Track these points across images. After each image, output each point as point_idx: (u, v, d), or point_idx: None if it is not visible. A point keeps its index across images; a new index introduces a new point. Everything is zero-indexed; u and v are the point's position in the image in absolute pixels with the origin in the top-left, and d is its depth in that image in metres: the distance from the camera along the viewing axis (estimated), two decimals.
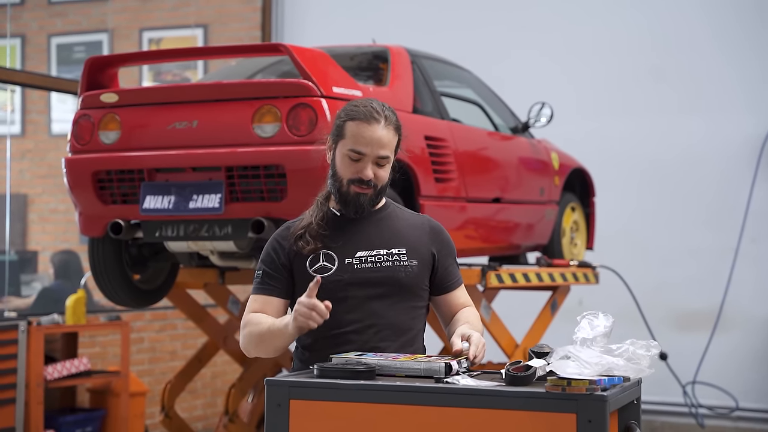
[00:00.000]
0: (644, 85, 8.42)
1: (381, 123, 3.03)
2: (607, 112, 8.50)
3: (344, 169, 3.05)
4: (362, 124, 3.02)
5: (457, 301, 3.16)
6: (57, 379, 6.31)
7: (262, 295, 3.08)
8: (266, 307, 3.06)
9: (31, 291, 8.08)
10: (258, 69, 5.58)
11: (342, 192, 3.06)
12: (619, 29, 8.54)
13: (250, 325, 3.04)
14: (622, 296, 6.95)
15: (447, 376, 2.72)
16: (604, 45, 8.54)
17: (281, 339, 2.97)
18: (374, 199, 3.09)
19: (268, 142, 4.63)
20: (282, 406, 2.69)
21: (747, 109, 8.09)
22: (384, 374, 2.78)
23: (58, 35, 9.53)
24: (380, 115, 3.03)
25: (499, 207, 5.90)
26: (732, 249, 7.99)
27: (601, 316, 2.68)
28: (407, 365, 2.78)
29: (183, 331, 7.98)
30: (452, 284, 3.16)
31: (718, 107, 8.18)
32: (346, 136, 3.04)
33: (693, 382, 7.95)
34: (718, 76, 8.21)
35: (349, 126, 3.04)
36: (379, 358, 2.82)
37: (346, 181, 3.05)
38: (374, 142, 3.01)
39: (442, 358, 2.83)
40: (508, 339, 5.93)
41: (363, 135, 3.01)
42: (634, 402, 2.79)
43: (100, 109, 4.95)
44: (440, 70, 5.89)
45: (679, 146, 8.25)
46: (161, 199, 4.81)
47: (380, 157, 3.03)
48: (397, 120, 3.08)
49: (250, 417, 6.29)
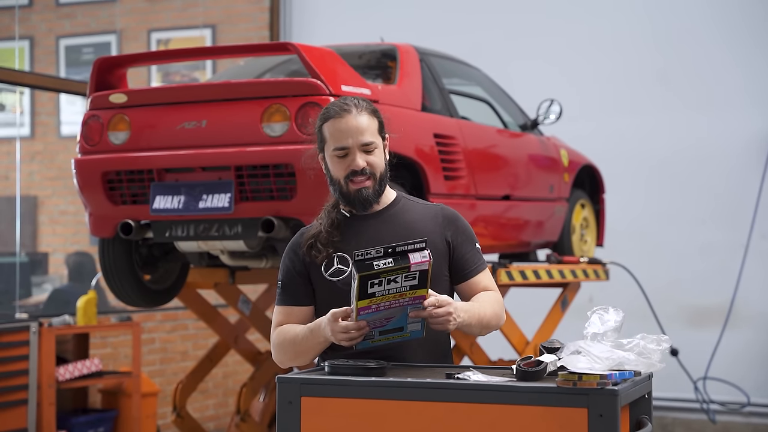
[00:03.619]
0: (652, 82, 8.40)
1: (352, 112, 3.04)
2: (616, 109, 8.49)
3: (337, 169, 3.06)
4: (335, 120, 3.04)
5: (478, 287, 3.12)
6: (69, 380, 6.32)
7: (286, 306, 3.10)
8: (291, 317, 3.08)
9: (41, 293, 8.10)
10: (266, 68, 5.59)
11: (344, 193, 3.06)
12: (626, 27, 8.53)
13: (280, 338, 3.05)
14: (633, 293, 6.95)
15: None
16: (613, 43, 8.53)
17: (317, 348, 2.98)
18: (377, 189, 3.07)
19: (278, 141, 4.63)
20: (293, 403, 2.69)
21: (754, 104, 8.08)
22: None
23: (67, 37, 9.55)
24: (349, 106, 3.06)
25: (508, 204, 5.90)
26: (742, 245, 7.98)
27: (612, 311, 2.68)
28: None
29: (194, 331, 7.99)
30: (471, 271, 3.12)
31: (726, 103, 8.16)
32: (327, 139, 3.07)
33: (704, 378, 7.94)
34: (725, 73, 8.20)
35: (326, 128, 3.07)
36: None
37: (343, 181, 3.05)
38: (352, 131, 3.02)
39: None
40: (518, 336, 5.93)
41: (340, 129, 3.03)
42: (645, 396, 2.79)
43: (109, 110, 4.96)
44: (449, 68, 5.89)
45: (688, 143, 8.24)
46: (171, 199, 4.82)
47: (364, 144, 3.03)
48: (369, 104, 3.09)
49: (262, 416, 6.29)
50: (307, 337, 2.97)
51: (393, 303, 2.79)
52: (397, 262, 2.72)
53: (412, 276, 2.75)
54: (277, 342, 3.06)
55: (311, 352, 3.00)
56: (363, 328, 2.83)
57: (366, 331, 2.84)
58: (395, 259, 2.72)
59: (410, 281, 2.76)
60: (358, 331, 2.83)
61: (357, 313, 2.77)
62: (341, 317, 2.84)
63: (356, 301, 2.75)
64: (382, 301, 2.77)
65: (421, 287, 2.79)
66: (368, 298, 2.75)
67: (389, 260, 2.72)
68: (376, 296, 2.75)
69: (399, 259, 2.72)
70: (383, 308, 2.79)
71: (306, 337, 2.98)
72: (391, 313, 2.82)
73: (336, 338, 2.86)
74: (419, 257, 2.74)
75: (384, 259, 2.72)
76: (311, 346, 2.98)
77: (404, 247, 2.74)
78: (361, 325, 2.82)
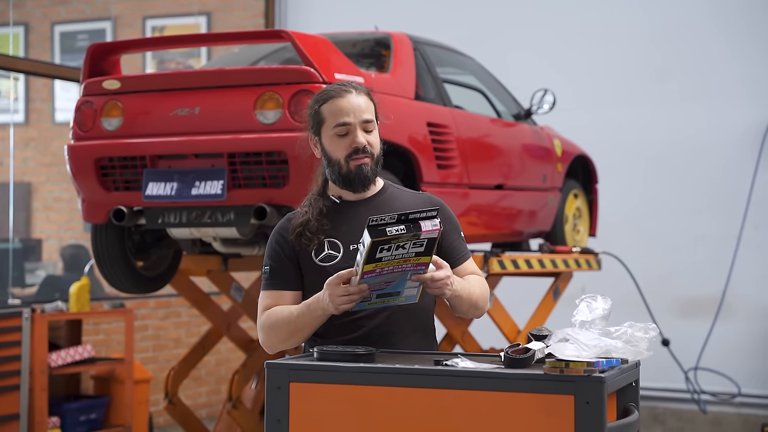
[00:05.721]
0: (648, 73, 8.41)
1: (353, 92, 3.06)
2: (611, 100, 8.50)
3: (336, 149, 3.05)
4: (336, 99, 3.05)
5: (465, 273, 3.14)
6: (61, 366, 6.33)
7: (274, 290, 3.08)
8: (279, 302, 3.06)
9: (35, 279, 8.10)
10: (261, 56, 5.58)
11: (343, 173, 3.06)
12: (622, 18, 8.53)
13: (272, 319, 3.03)
14: (625, 283, 6.97)
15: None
16: (609, 34, 8.53)
17: (313, 324, 2.97)
18: (374, 168, 3.08)
19: (270, 128, 4.64)
20: (282, 388, 2.70)
21: (749, 96, 8.09)
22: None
23: (62, 23, 9.54)
24: (348, 86, 3.08)
25: (501, 194, 5.90)
26: (735, 236, 8.00)
27: (600, 299, 2.69)
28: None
29: (187, 318, 8.00)
30: (459, 259, 3.14)
31: (721, 95, 8.17)
32: (326, 118, 3.06)
33: (695, 369, 7.97)
34: (721, 64, 8.20)
35: (325, 108, 3.07)
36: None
37: (343, 160, 3.05)
38: (354, 108, 3.04)
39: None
40: (510, 325, 5.94)
41: (341, 107, 3.04)
42: (633, 384, 2.79)
43: (103, 96, 4.96)
44: (443, 57, 5.89)
45: (682, 134, 8.25)
46: (164, 185, 4.82)
47: (365, 121, 3.05)
48: (365, 88, 3.12)
49: (254, 403, 6.30)
50: (303, 313, 2.96)
51: (396, 268, 2.81)
52: (409, 230, 2.74)
53: (420, 243, 2.78)
54: (268, 323, 3.04)
55: (306, 329, 2.98)
56: (363, 291, 2.83)
57: (366, 294, 2.84)
58: (407, 226, 2.74)
59: (417, 248, 2.78)
60: (359, 294, 2.83)
61: (361, 276, 2.78)
62: (344, 281, 2.85)
63: (363, 265, 2.76)
64: (387, 265, 2.79)
65: (426, 255, 2.82)
66: (375, 262, 2.76)
67: (401, 227, 2.74)
68: (383, 261, 2.77)
69: (411, 226, 2.75)
70: (386, 272, 2.81)
71: (302, 314, 2.96)
72: (392, 278, 2.84)
73: (335, 303, 2.84)
74: (430, 225, 2.77)
75: (397, 225, 2.74)
76: (307, 322, 2.96)
77: (417, 214, 2.76)
78: (362, 288, 2.82)
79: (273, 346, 3.09)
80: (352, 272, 2.83)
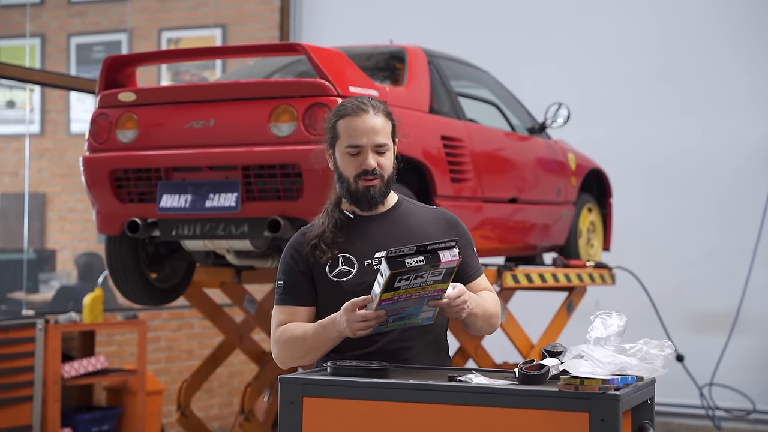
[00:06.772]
0: (659, 87, 8.40)
1: (370, 112, 3.04)
2: (624, 114, 8.49)
3: (347, 167, 3.05)
4: (352, 118, 3.03)
5: (478, 289, 3.13)
6: (74, 377, 6.34)
7: (287, 305, 3.06)
8: (293, 317, 3.04)
9: (49, 290, 8.12)
10: (275, 69, 5.59)
11: (351, 191, 3.06)
12: (631, 32, 8.53)
13: (286, 335, 3.02)
14: (639, 297, 6.94)
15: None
16: (619, 48, 8.53)
17: (328, 345, 2.96)
18: (384, 190, 3.07)
19: (285, 141, 4.64)
20: (295, 403, 2.69)
21: (759, 109, 8.08)
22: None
23: (78, 35, 9.58)
24: (367, 105, 3.05)
25: (515, 207, 5.89)
26: (749, 250, 7.96)
27: (615, 316, 2.67)
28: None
29: (200, 330, 8.00)
30: (471, 275, 3.13)
31: (732, 108, 8.16)
32: (340, 135, 3.05)
33: (710, 384, 7.93)
34: (731, 77, 8.20)
35: (340, 124, 3.05)
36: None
37: (352, 179, 3.04)
38: (368, 131, 3.02)
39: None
40: (523, 340, 5.92)
41: (356, 127, 3.02)
42: (648, 402, 2.78)
43: (118, 108, 4.98)
44: (457, 71, 5.89)
45: (695, 147, 8.23)
46: (178, 197, 4.82)
47: (378, 144, 3.03)
48: (386, 107, 3.09)
49: (266, 416, 6.29)
50: (318, 333, 2.95)
51: (414, 295, 2.81)
52: (428, 260, 2.74)
53: (439, 273, 2.77)
54: (282, 340, 3.02)
55: (321, 349, 2.97)
56: (381, 317, 2.83)
57: (383, 319, 2.84)
58: (426, 257, 2.74)
59: (435, 277, 2.78)
60: (377, 320, 2.83)
61: (378, 303, 2.78)
62: (359, 306, 2.84)
63: (381, 294, 2.76)
64: (405, 293, 2.79)
65: (443, 282, 2.82)
66: (393, 291, 2.76)
67: (420, 258, 2.74)
68: (401, 290, 2.77)
69: (430, 257, 2.75)
70: (403, 299, 2.81)
71: (317, 333, 2.95)
72: (409, 304, 2.84)
73: (352, 328, 2.84)
74: (449, 256, 2.77)
75: (416, 256, 2.73)
76: (322, 342, 2.95)
77: (436, 245, 2.76)
78: (380, 314, 2.82)
79: (286, 362, 3.08)
80: (368, 299, 2.83)
